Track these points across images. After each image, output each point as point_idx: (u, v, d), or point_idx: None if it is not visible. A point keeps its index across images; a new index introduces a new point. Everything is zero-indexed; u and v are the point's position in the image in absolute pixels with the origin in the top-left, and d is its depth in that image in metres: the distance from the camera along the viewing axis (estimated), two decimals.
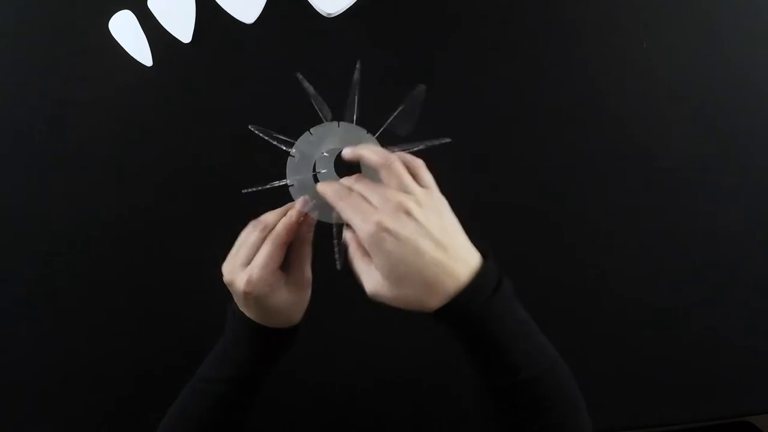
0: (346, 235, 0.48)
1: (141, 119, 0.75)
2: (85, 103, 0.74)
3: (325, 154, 0.52)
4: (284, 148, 0.52)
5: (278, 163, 0.53)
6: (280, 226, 0.49)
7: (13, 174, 0.74)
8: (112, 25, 0.73)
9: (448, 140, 0.52)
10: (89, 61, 0.74)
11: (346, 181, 0.48)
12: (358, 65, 0.52)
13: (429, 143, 0.52)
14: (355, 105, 0.52)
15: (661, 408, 0.77)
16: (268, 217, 0.50)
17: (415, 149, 0.52)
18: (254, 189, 0.51)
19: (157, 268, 0.75)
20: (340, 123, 0.52)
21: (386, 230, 0.42)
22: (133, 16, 0.73)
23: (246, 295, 0.49)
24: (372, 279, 0.45)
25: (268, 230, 0.49)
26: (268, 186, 0.52)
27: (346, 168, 0.51)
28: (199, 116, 0.75)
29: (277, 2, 0.74)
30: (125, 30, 0.73)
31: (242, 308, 0.52)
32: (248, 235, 0.50)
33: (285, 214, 0.50)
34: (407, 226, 0.43)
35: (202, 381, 0.54)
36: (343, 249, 0.49)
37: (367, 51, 0.76)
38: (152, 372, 0.73)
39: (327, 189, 0.48)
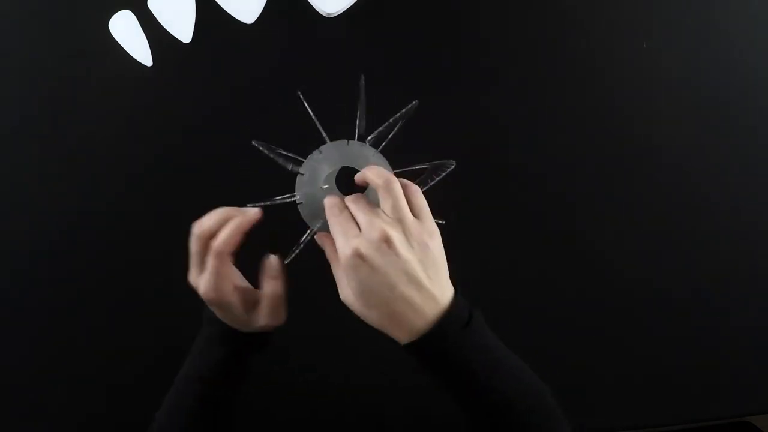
0: (322, 237, 0.50)
1: (141, 119, 0.75)
2: (85, 103, 0.74)
3: (329, 171, 0.52)
4: (290, 168, 0.52)
5: (279, 165, 0.53)
6: (220, 241, 0.48)
7: (13, 173, 0.74)
8: (112, 25, 0.73)
9: (453, 163, 0.52)
10: (89, 61, 0.74)
11: (347, 198, 0.49)
12: (362, 81, 0.53)
13: (434, 166, 0.53)
14: (362, 120, 0.53)
15: (661, 408, 0.77)
16: (205, 223, 0.50)
17: (419, 167, 0.53)
18: (261, 204, 0.51)
19: (157, 267, 0.75)
20: (350, 142, 0.52)
21: (362, 257, 0.43)
22: (133, 16, 0.73)
23: (207, 301, 0.50)
24: (346, 289, 0.46)
25: (206, 238, 0.49)
26: (272, 202, 0.52)
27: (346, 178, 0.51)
28: (199, 116, 0.75)
29: (277, 2, 0.74)
30: (125, 30, 0.73)
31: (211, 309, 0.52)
32: (191, 244, 0.50)
33: (223, 220, 0.49)
34: (384, 257, 0.43)
35: (182, 380, 0.55)
36: (298, 248, 0.51)
37: (367, 51, 0.76)
38: (151, 373, 0.73)
39: (327, 201, 0.48)
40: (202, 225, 0.49)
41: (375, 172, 0.47)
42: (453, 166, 0.53)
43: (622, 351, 0.77)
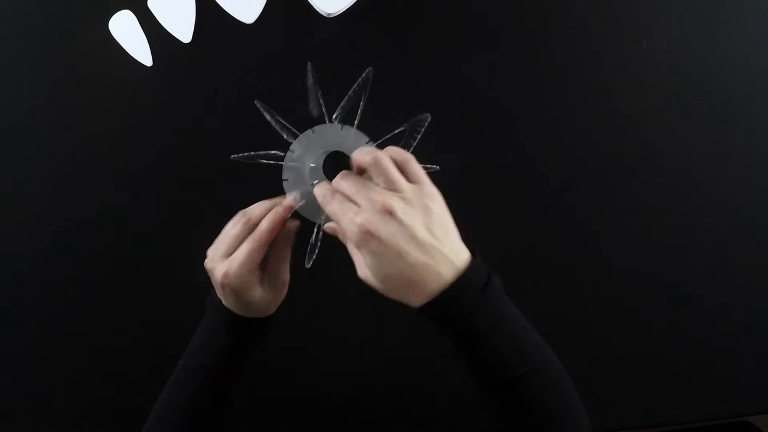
0: (331, 225, 0.50)
1: (141, 119, 0.75)
2: (85, 103, 0.74)
3: (312, 165, 0.53)
4: (284, 136, 0.53)
5: (276, 164, 0.53)
6: (264, 225, 0.50)
7: (13, 173, 0.74)
8: (112, 25, 0.73)
9: (428, 116, 0.52)
10: (89, 61, 0.74)
11: (334, 181, 0.48)
12: (308, 66, 0.53)
13: (412, 124, 0.53)
14: (314, 103, 0.53)
15: (662, 408, 0.77)
16: (255, 210, 0.51)
17: (397, 131, 0.53)
18: (245, 155, 0.53)
19: (156, 265, 0.75)
20: (315, 129, 0.53)
21: (369, 232, 0.43)
22: (133, 16, 0.74)
23: (223, 285, 0.50)
24: (362, 267, 0.46)
25: (252, 225, 0.50)
26: (257, 154, 0.53)
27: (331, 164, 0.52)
28: (199, 116, 0.75)
29: (277, 2, 0.74)
30: (125, 30, 0.73)
31: (219, 295, 0.53)
32: (233, 227, 0.51)
33: (271, 209, 0.51)
34: (390, 228, 0.43)
35: (182, 370, 0.55)
36: (315, 249, 0.52)
37: (367, 51, 0.76)
38: (146, 369, 0.73)
39: (317, 190, 0.49)
40: (251, 212, 0.51)
41: (361, 153, 0.47)
42: (429, 119, 0.53)
43: (622, 351, 0.77)
